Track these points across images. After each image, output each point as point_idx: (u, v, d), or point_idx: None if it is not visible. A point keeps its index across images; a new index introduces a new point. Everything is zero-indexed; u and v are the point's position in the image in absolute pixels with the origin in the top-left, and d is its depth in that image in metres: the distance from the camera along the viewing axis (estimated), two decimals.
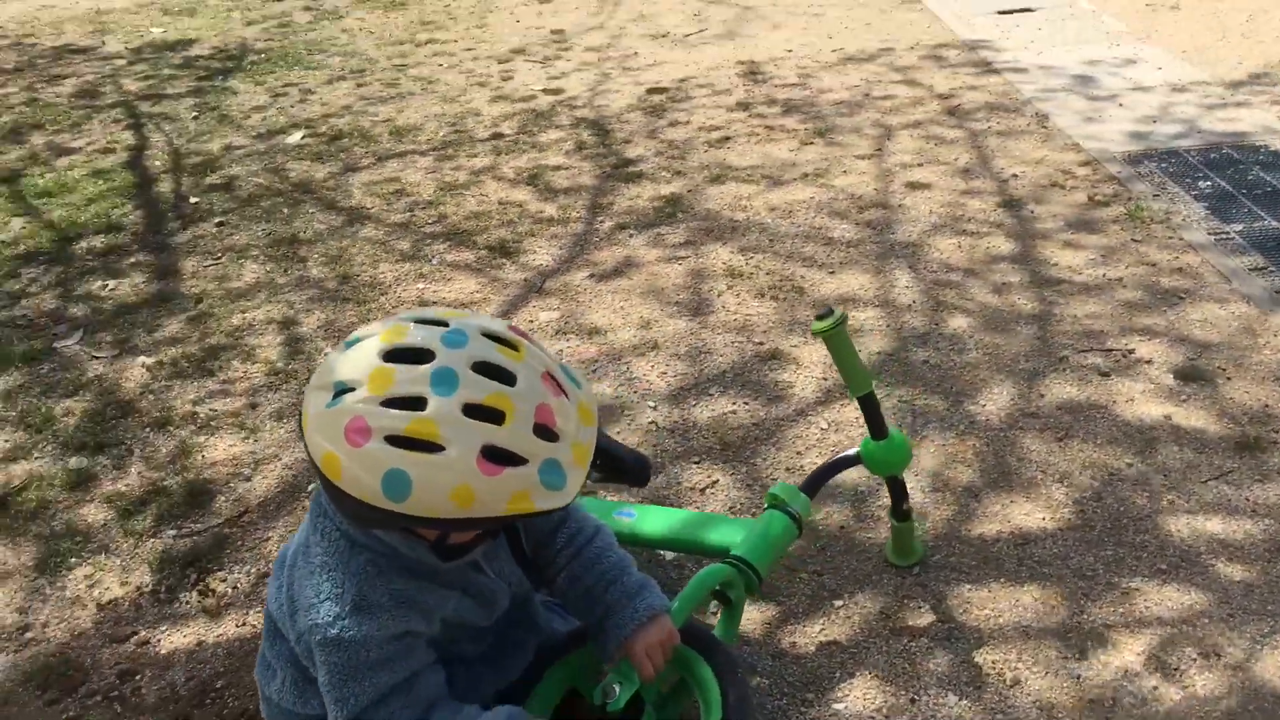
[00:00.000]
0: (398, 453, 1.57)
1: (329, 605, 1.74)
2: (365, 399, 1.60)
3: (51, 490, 2.89)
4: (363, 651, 1.73)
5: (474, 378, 1.61)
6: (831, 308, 2.13)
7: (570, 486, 1.66)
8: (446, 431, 1.57)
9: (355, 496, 1.61)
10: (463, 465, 1.57)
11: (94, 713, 2.24)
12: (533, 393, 1.64)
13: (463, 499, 1.58)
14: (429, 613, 1.79)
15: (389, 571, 1.76)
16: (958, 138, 4.73)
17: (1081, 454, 2.79)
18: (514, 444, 1.60)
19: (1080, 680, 2.17)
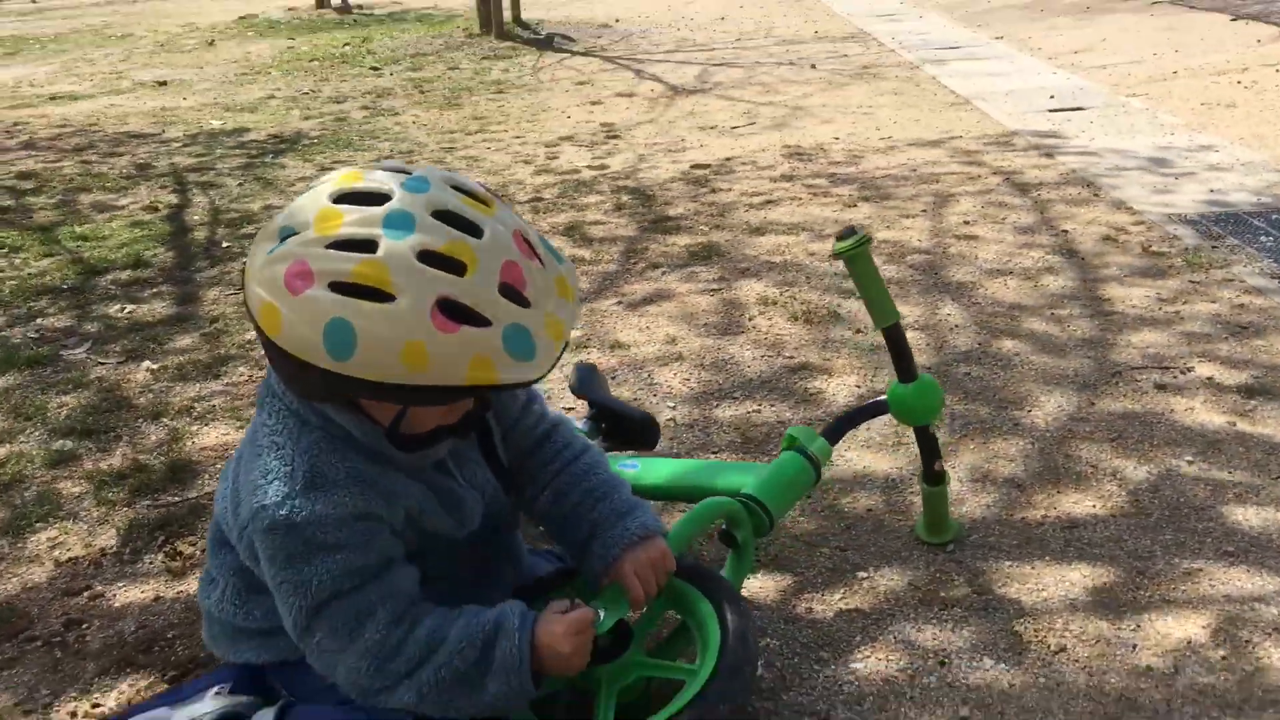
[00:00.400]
0: (341, 300, 1.39)
1: (277, 485, 1.52)
2: (309, 240, 1.43)
3: (31, 466, 2.73)
4: (317, 532, 1.51)
5: (433, 223, 1.43)
6: (855, 227, 1.94)
7: (540, 359, 1.46)
8: (398, 278, 1.38)
9: (296, 356, 1.42)
10: (414, 318, 1.38)
11: (31, 656, 2.03)
12: (499, 248, 1.45)
13: (415, 359, 1.39)
14: (390, 497, 1.57)
15: (344, 450, 1.56)
16: (1010, 202, 4.58)
17: (1136, 452, 2.54)
18: (475, 299, 1.41)
19: (1136, 649, 1.90)
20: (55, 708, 1.88)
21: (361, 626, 1.52)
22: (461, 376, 1.41)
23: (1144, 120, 6.01)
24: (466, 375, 1.41)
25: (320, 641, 1.54)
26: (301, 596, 1.52)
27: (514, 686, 1.52)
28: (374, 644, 1.52)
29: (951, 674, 1.86)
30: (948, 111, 6.57)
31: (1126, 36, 8.65)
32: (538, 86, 8.38)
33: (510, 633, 1.53)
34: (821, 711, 1.78)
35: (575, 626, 1.56)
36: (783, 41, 10.03)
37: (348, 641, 1.53)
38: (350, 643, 1.53)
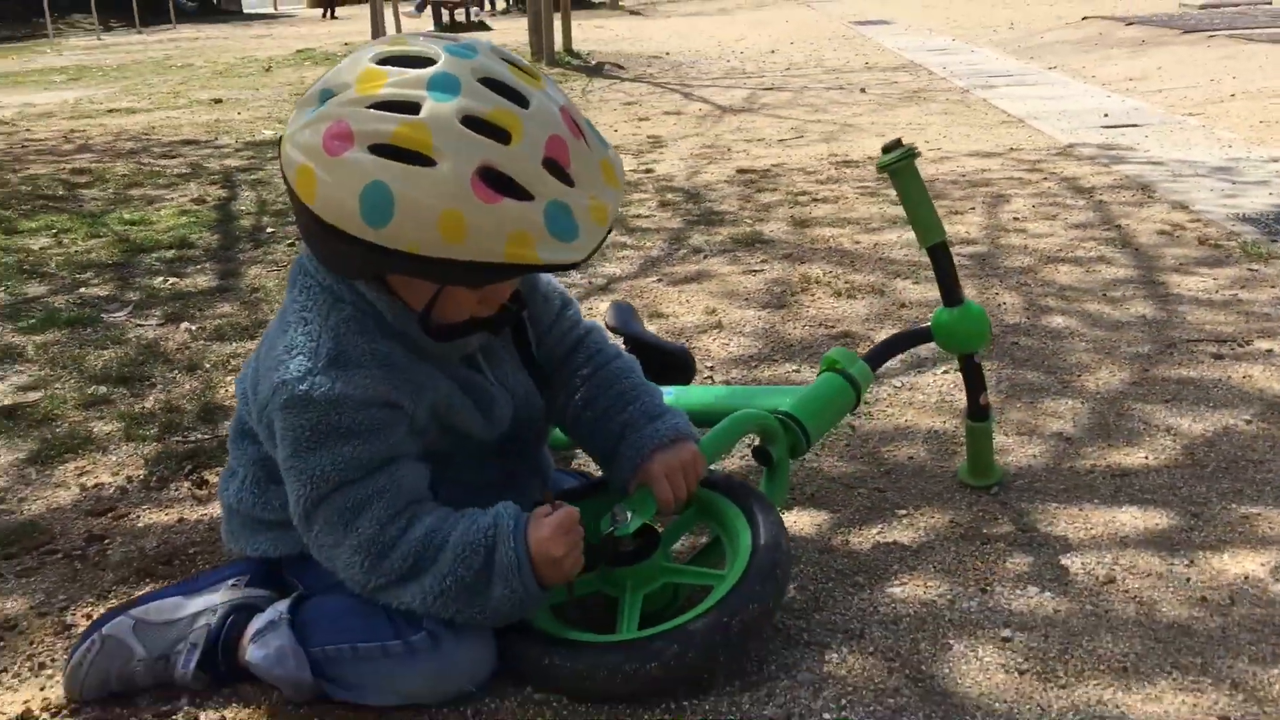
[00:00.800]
0: (381, 163, 1.35)
1: (300, 360, 1.49)
2: (350, 100, 1.40)
3: (64, 407, 2.72)
4: (334, 414, 1.47)
5: (480, 88, 1.39)
6: (900, 140, 1.89)
7: (583, 240, 1.41)
8: (440, 141, 1.35)
9: (331, 224, 1.39)
10: (455, 184, 1.34)
11: (50, 567, 2.00)
12: (546, 121, 1.41)
13: (452, 229, 1.34)
14: (416, 389, 1.53)
15: (374, 332, 1.52)
16: (1065, 201, 4.49)
17: (1192, 413, 2.45)
18: (517, 171, 1.36)
19: (1189, 582, 1.80)
20: (71, 611, 1.85)
21: (356, 518, 1.48)
22: (500, 252, 1.36)
23: (1200, 135, 5.91)
24: (505, 251, 1.36)
25: (318, 534, 1.51)
26: (306, 485, 1.49)
27: (518, 591, 1.47)
28: (367, 538, 1.48)
29: (993, 600, 1.77)
30: (999, 129, 6.50)
31: (1182, 66, 8.55)
32: (586, 106, 8.41)
33: (506, 536, 1.48)
34: (855, 630, 1.71)
35: (561, 526, 1.49)
36: (832, 70, 10.02)
37: (342, 534, 1.49)
38: (344, 535, 1.49)
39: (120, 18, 25.86)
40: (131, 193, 5.50)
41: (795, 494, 2.15)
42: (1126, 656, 1.61)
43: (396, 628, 1.54)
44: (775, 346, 2.96)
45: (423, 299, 1.52)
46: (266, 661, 1.57)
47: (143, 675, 1.61)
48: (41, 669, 1.69)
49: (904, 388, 2.64)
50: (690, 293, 3.47)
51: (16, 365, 3.02)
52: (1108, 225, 4.06)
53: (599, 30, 16.75)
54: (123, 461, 2.41)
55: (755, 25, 16.70)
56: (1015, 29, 12.95)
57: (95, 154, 6.74)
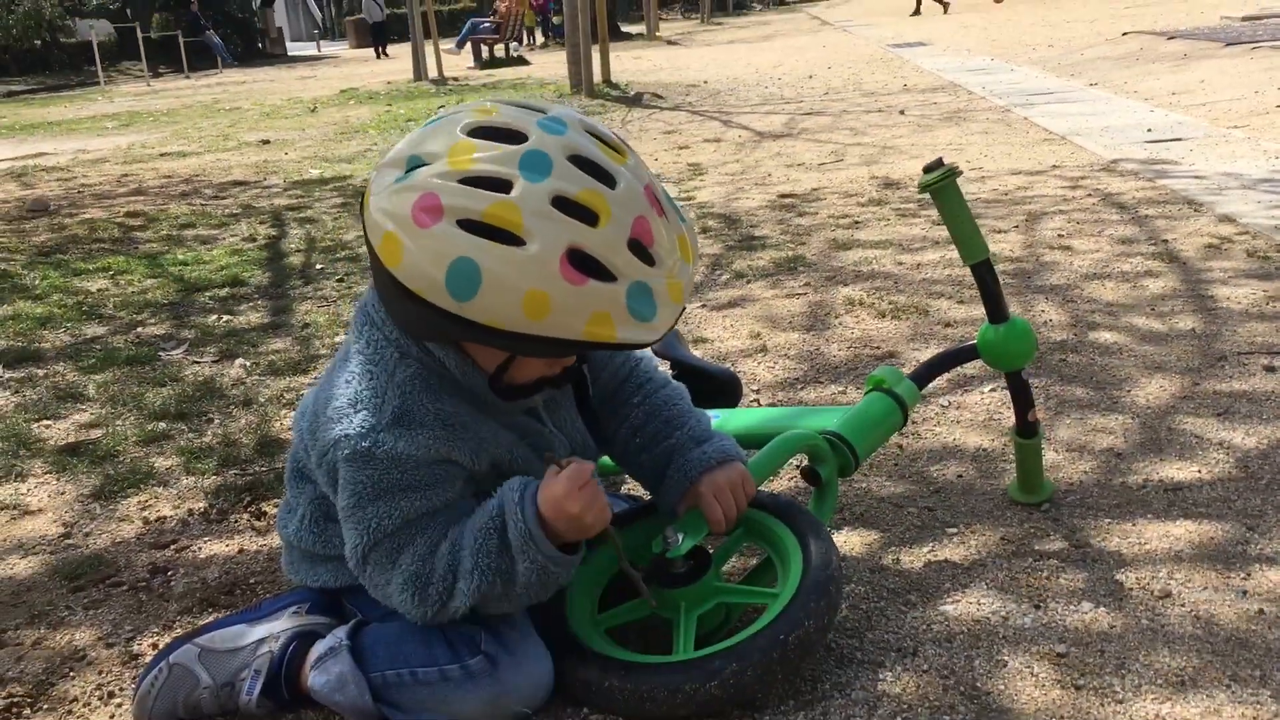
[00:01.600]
0: (471, 240, 1.36)
1: (364, 415, 1.51)
2: (442, 173, 1.40)
3: (125, 444, 2.78)
4: (395, 471, 1.50)
5: (569, 168, 1.40)
6: (941, 159, 1.91)
7: (660, 320, 1.43)
8: (530, 222, 1.36)
9: (413, 290, 1.40)
10: (543, 265, 1.35)
11: (116, 599, 2.05)
12: (633, 201, 1.42)
13: (537, 308, 1.36)
14: (477, 446, 1.55)
15: (438, 390, 1.54)
16: (1108, 217, 4.47)
17: (1244, 426, 2.43)
18: (605, 253, 1.38)
19: (1246, 595, 1.79)
20: (137, 641, 1.89)
21: (399, 555, 1.52)
22: (579, 330, 1.38)
23: (1246, 148, 5.86)
24: (585, 330, 1.38)
25: (371, 574, 1.55)
26: (364, 535, 1.52)
27: (539, 560, 1.48)
28: (411, 574, 1.52)
29: (1047, 616, 1.77)
30: (1040, 146, 6.48)
31: (1225, 78, 8.47)
32: (626, 136, 8.47)
33: (511, 509, 1.49)
34: (909, 648, 1.71)
35: (575, 481, 1.49)
36: (871, 94, 10.03)
37: (390, 572, 1.53)
38: (392, 573, 1.53)
39: (169, 64, 26.40)
40: (185, 233, 5.61)
41: (844, 513, 2.16)
42: (1184, 670, 1.61)
43: (455, 653, 1.56)
44: (820, 368, 2.97)
45: (494, 361, 1.54)
46: (327, 688, 1.60)
47: (209, 702, 1.64)
48: (110, 698, 1.73)
49: (951, 406, 2.64)
50: (734, 317, 3.49)
51: (78, 404, 3.10)
52: (1153, 240, 4.04)
53: (637, 61, 16.87)
54: (183, 495, 2.47)
55: (792, 51, 16.75)
56: (1055, 47, 12.90)
57: (149, 197, 6.89)
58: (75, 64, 27.16)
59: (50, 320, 4.00)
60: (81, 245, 5.45)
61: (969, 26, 18.39)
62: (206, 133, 10.99)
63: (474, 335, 1.43)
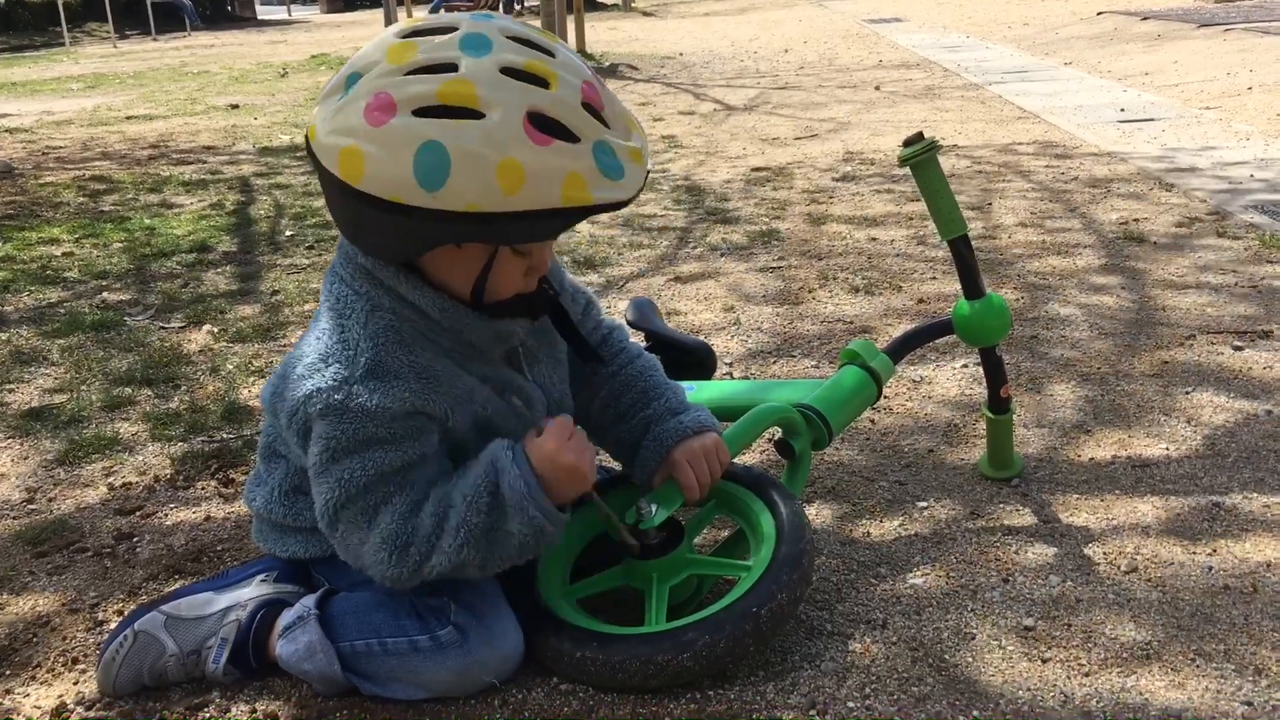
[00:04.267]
0: (431, 123, 1.33)
1: (337, 368, 1.47)
2: (385, 73, 1.38)
3: (90, 409, 2.75)
4: (369, 424, 1.46)
5: (509, 43, 1.40)
6: (921, 133, 1.90)
7: (629, 179, 1.42)
8: (485, 93, 1.34)
9: (384, 198, 1.35)
10: (508, 131, 1.33)
11: (80, 565, 2.02)
12: (576, 68, 1.43)
13: (510, 177, 1.33)
14: (453, 400, 1.52)
15: (412, 342, 1.51)
16: (1078, 194, 4.49)
17: (1212, 402, 2.45)
18: (563, 113, 1.37)
19: (1211, 571, 1.81)
20: (102, 607, 1.87)
21: (377, 514, 1.49)
22: (556, 197, 1.36)
23: (1217, 129, 5.89)
24: (561, 195, 1.36)
25: (343, 534, 1.52)
26: (335, 489, 1.49)
27: (535, 516, 1.47)
28: (391, 533, 1.49)
29: (1015, 589, 1.78)
30: (1013, 123, 6.49)
31: (1198, 59, 8.51)
32: None
33: (507, 466, 1.48)
34: (878, 620, 1.72)
35: (562, 433, 1.50)
36: (845, 69, 10.01)
37: (366, 531, 1.49)
38: (369, 532, 1.49)
39: (135, 25, 26.01)
40: (151, 198, 5.54)
41: (816, 486, 2.16)
42: (1149, 644, 1.62)
43: (424, 623, 1.55)
44: (793, 342, 2.97)
45: (470, 279, 1.50)
46: (295, 657, 1.58)
47: (174, 670, 1.63)
48: (74, 664, 1.71)
49: (924, 381, 2.65)
50: (707, 290, 3.48)
51: (42, 368, 3.06)
52: (1124, 219, 4.06)
53: (612, 32, 16.77)
54: (149, 461, 2.44)
55: (768, 25, 16.69)
56: (1030, 25, 12.92)
57: (114, 160, 6.79)
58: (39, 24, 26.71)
59: (13, 284, 3.94)
60: (45, 208, 5.36)
61: (944, 3, 18.38)
62: (174, 96, 10.84)
63: (453, 231, 1.39)
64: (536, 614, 1.61)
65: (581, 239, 4.25)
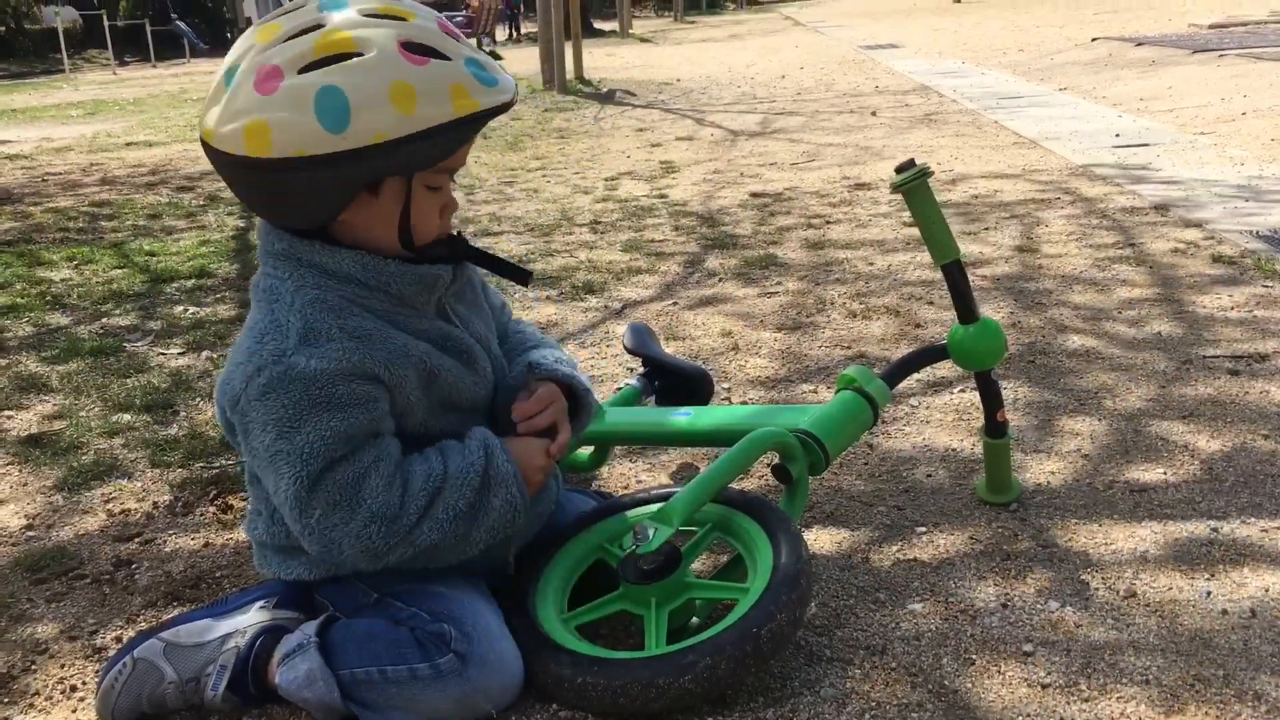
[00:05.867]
0: (320, 72, 1.45)
1: (272, 344, 1.50)
2: (259, 49, 1.49)
3: (89, 436, 2.75)
4: (314, 388, 1.48)
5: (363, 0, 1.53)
6: (913, 160, 1.91)
7: (504, 85, 1.53)
8: (357, 34, 1.47)
9: (295, 156, 1.43)
10: (390, 59, 1.46)
11: (79, 592, 2.02)
12: (425, 10, 1.56)
13: (404, 100, 1.44)
14: (390, 356, 1.54)
15: (341, 308, 1.54)
16: (1077, 221, 4.50)
17: (1209, 428, 2.45)
18: (429, 38, 1.50)
19: (1210, 596, 1.81)
20: (101, 634, 1.87)
21: (359, 491, 1.50)
22: (450, 109, 1.47)
23: (1212, 154, 5.92)
24: (454, 107, 1.47)
25: (320, 518, 1.50)
26: (296, 465, 1.48)
27: (515, 500, 1.59)
28: (378, 506, 1.50)
29: (1014, 615, 1.78)
30: (1011, 150, 6.52)
31: (1192, 84, 8.55)
32: (599, 133, 8.48)
33: (496, 453, 1.59)
34: (878, 646, 1.72)
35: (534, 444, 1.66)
36: (843, 94, 10.07)
37: (351, 511, 1.50)
38: (354, 511, 1.50)
39: (135, 52, 26.14)
40: (151, 224, 5.56)
41: (815, 512, 2.16)
42: (1149, 670, 1.62)
43: (425, 651, 1.55)
44: (792, 367, 2.98)
45: (392, 227, 1.56)
46: (295, 684, 1.58)
47: (173, 697, 1.63)
48: (73, 691, 1.71)
49: (921, 406, 2.66)
50: (706, 315, 3.49)
51: (42, 395, 3.06)
52: (1122, 244, 4.08)
53: (610, 58, 16.86)
54: (148, 488, 2.44)
55: (765, 51, 16.79)
56: (1025, 51, 12.99)
57: (114, 187, 6.82)
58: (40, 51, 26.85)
59: (13, 310, 3.95)
60: (45, 234, 5.38)
61: (940, 30, 18.49)
62: (174, 122, 10.89)
63: (368, 169, 1.47)
64: (536, 641, 1.61)
65: (581, 264, 4.27)
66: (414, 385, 1.57)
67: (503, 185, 6.28)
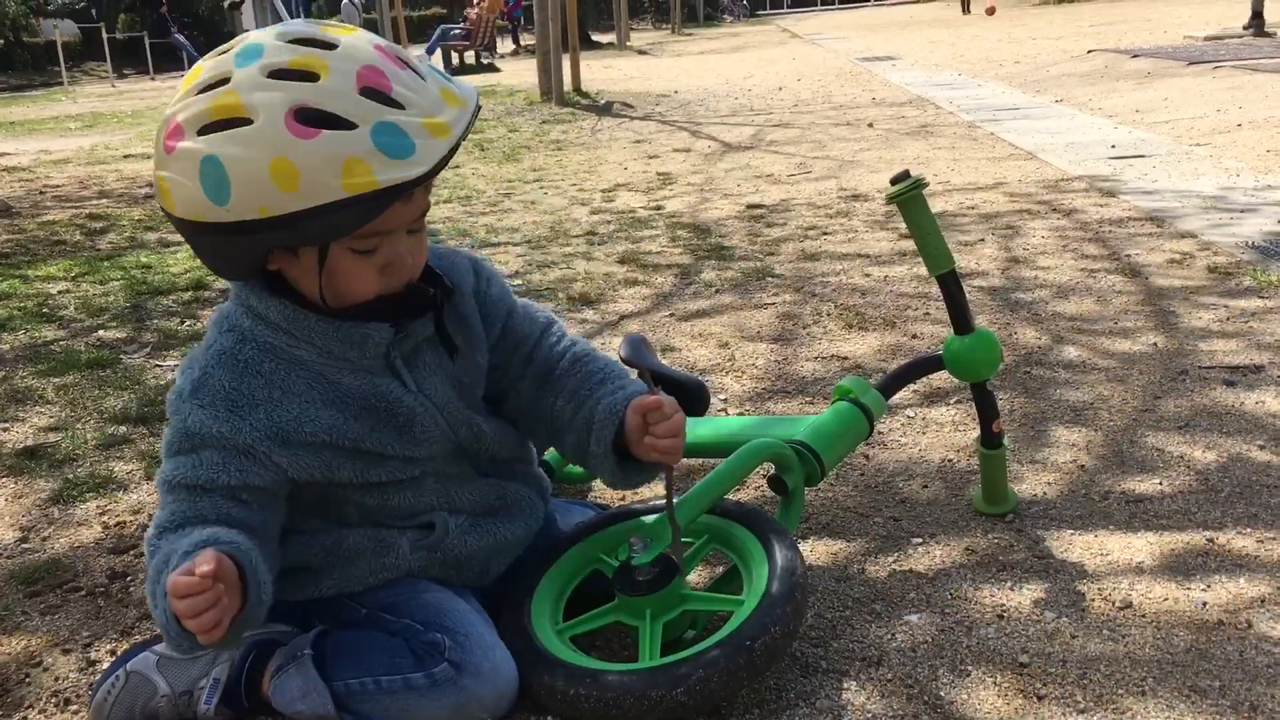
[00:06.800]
0: (208, 139, 1.37)
1: (181, 380, 1.55)
2: (179, 98, 1.43)
3: (84, 448, 2.75)
4: (177, 438, 1.52)
5: (282, 46, 1.42)
6: (908, 171, 1.92)
7: (423, 155, 1.38)
8: (250, 99, 1.37)
9: (192, 220, 1.41)
10: (271, 131, 1.35)
11: (74, 605, 2.02)
12: (357, 55, 1.41)
13: (284, 177, 1.34)
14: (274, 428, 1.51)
15: (250, 365, 1.52)
16: (1073, 233, 4.51)
17: (1205, 439, 2.45)
18: (332, 102, 1.37)
19: (1206, 607, 1.81)
20: (95, 647, 1.86)
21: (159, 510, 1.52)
22: (338, 187, 1.35)
23: (1208, 165, 5.94)
24: (343, 185, 1.35)
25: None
26: (159, 480, 1.54)
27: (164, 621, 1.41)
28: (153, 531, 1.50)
29: (1010, 626, 1.78)
30: (1006, 161, 6.53)
31: (1188, 96, 8.58)
32: (596, 145, 8.50)
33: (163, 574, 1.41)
34: (873, 658, 1.71)
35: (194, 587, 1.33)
36: (839, 107, 10.09)
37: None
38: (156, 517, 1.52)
39: (134, 65, 26.18)
40: (147, 236, 5.56)
41: (810, 523, 2.16)
42: (1145, 681, 1.62)
43: (419, 661, 1.55)
44: (787, 379, 2.98)
45: (315, 284, 1.50)
46: (289, 697, 1.58)
47: (166, 711, 1.62)
48: (67, 704, 1.71)
49: (917, 418, 2.66)
50: (702, 327, 3.50)
51: (37, 407, 3.06)
52: (1117, 255, 4.08)
53: (607, 70, 16.89)
54: (143, 500, 2.44)
55: (762, 63, 16.83)
56: (1021, 63, 13.03)
57: (111, 199, 6.82)
58: (39, 64, 26.88)
59: (9, 322, 3.95)
60: (42, 247, 5.38)
61: (936, 42, 18.54)
62: None
63: (259, 241, 1.41)
64: (530, 652, 1.61)
65: (578, 275, 4.27)
66: (317, 449, 1.54)
67: (500, 197, 6.28)
